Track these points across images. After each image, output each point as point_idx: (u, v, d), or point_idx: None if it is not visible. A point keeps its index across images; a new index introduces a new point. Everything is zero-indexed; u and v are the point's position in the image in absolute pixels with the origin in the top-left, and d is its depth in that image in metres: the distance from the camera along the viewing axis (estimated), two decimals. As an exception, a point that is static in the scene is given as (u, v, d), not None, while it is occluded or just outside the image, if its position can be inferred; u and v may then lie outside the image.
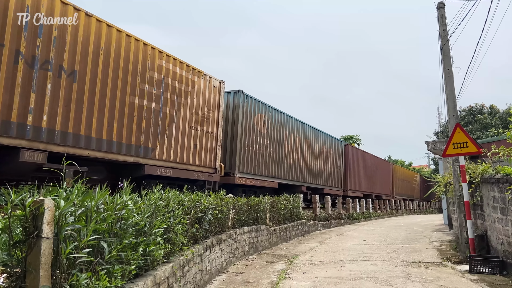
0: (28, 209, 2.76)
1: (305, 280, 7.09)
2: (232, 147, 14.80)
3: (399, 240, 13.92)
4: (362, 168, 30.55)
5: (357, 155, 30.04)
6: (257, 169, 15.99)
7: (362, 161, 30.75)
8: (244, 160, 15.03)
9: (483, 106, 36.47)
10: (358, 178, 29.41)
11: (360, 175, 30.07)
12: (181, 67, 11.60)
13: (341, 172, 26.32)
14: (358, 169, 29.52)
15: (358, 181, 29.37)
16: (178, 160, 11.33)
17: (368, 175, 31.92)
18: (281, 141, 18.20)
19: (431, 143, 19.28)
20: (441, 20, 10.11)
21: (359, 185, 29.67)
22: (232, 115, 15.05)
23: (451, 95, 9.75)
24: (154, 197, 4.94)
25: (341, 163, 26.44)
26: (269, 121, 17.05)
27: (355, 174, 28.87)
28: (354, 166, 28.73)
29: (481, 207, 8.92)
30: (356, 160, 29.25)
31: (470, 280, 7.09)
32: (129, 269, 3.75)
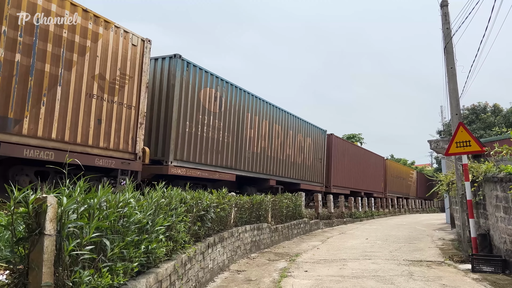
0: (31, 206, 2.76)
1: (307, 279, 7.09)
2: (165, 128, 11.30)
3: (401, 239, 13.90)
4: (349, 162, 27.25)
5: (343, 147, 26.54)
6: (205, 158, 12.58)
7: (349, 154, 27.45)
8: (183, 145, 11.60)
9: (486, 105, 36.35)
10: (343, 173, 26.18)
11: (347, 169, 26.83)
12: (74, 11, 8.38)
13: (322, 165, 22.73)
14: (344, 163, 26.27)
15: (343, 176, 26.17)
16: (68, 139, 8.18)
17: (357, 170, 28.66)
18: (242, 125, 14.75)
19: (434, 142, 19.21)
20: (445, 18, 10.07)
21: (345, 181, 26.52)
22: (166, 86, 11.49)
23: (454, 94, 9.71)
24: (157, 195, 4.95)
25: (322, 155, 22.77)
26: (224, 98, 13.64)
27: (340, 169, 25.61)
28: (339, 159, 25.50)
29: (484, 206, 8.90)
30: (341, 153, 26.00)
31: (473, 279, 7.07)
32: (131, 266, 3.76)
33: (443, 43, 10.06)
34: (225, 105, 13.78)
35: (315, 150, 21.89)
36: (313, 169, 21.56)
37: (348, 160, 27.12)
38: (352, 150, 28.49)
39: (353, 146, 29.37)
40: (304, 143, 20.55)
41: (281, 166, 17.94)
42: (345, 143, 27.44)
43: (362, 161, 30.16)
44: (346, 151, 27.03)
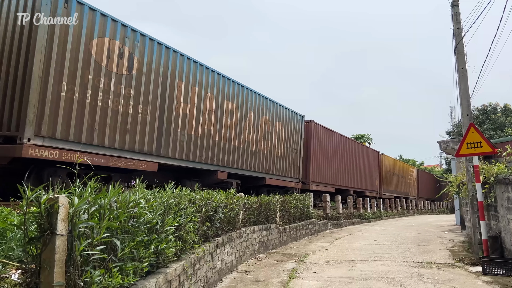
0: (43, 206, 2.79)
1: (316, 280, 7.07)
2: (22, 90, 7.66)
3: (411, 240, 13.80)
4: (334, 155, 23.31)
5: (327, 138, 22.44)
6: (101, 137, 8.92)
7: (334, 146, 23.50)
8: (56, 117, 7.99)
9: (497, 105, 35.97)
10: (327, 168, 22.25)
11: (331, 164, 22.90)
12: None
13: (298, 157, 18.89)
14: (327, 156, 22.40)
15: (327, 172, 22.24)
16: None
17: (344, 165, 24.83)
18: (170, 97, 11.00)
19: (444, 143, 19.06)
20: (455, 18, 9.98)
21: (329, 177, 22.60)
22: (29, 29, 7.84)
23: (465, 94, 9.62)
24: (166, 195, 4.97)
25: (298, 145, 18.90)
26: (137, 57, 9.88)
27: (323, 162, 21.74)
28: (322, 151, 21.68)
29: (495, 208, 8.80)
30: (325, 144, 22.10)
31: (483, 281, 6.99)
32: (141, 266, 3.78)
33: (454, 43, 9.97)
34: (139, 66, 9.92)
35: (288, 138, 17.87)
36: (285, 161, 17.51)
37: (333, 153, 23.14)
38: (339, 142, 24.42)
39: (340, 137, 24.62)
40: (272, 129, 16.43)
41: (237, 155, 14.13)
42: (329, 132, 22.93)
43: (352, 155, 26.30)
44: (331, 142, 23.03)
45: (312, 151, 20.46)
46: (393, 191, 35.39)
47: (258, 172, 15.61)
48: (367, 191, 28.98)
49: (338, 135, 24.60)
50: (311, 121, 20.70)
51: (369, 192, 29.45)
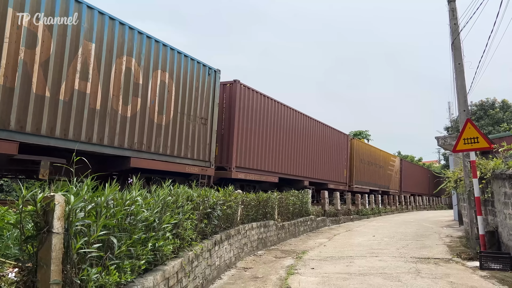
0: (39, 205, 2.79)
1: (314, 276, 7.09)
2: None
3: (409, 236, 13.85)
4: (277, 134, 17.19)
5: (264, 109, 16.23)
6: None
7: (278, 121, 17.33)
8: None
9: (495, 100, 36.00)
10: (264, 150, 16.13)
11: (272, 145, 16.77)
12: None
13: (209, 130, 12.87)
14: (265, 134, 16.25)
15: (264, 155, 16.09)
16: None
17: (295, 148, 18.81)
18: None
19: (441, 139, 19.09)
20: (452, 14, 9.98)
21: (268, 162, 16.36)
22: None
23: (461, 90, 9.63)
24: (163, 193, 4.97)
25: (209, 113, 12.89)
26: None
27: (257, 142, 15.63)
28: (256, 127, 15.58)
29: (492, 203, 8.83)
30: (261, 118, 15.92)
31: (481, 276, 7.03)
32: (139, 264, 3.78)
33: (450, 39, 9.98)
34: None
35: (189, 100, 11.92)
36: (180, 134, 11.57)
37: (276, 131, 17.06)
38: (287, 117, 18.17)
39: (288, 110, 18.34)
40: (146, 80, 10.36)
41: (62, 116, 8.26)
42: (269, 102, 16.65)
43: (308, 136, 20.32)
44: (272, 116, 16.83)
45: (237, 125, 14.30)
46: (368, 183, 29.78)
47: (120, 148, 9.52)
48: (330, 183, 23.07)
49: (286, 107, 18.09)
50: (236, 82, 14.46)
51: (333, 184, 23.39)
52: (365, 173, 29.48)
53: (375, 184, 31.45)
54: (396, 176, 37.74)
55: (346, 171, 25.88)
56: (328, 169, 22.99)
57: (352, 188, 26.57)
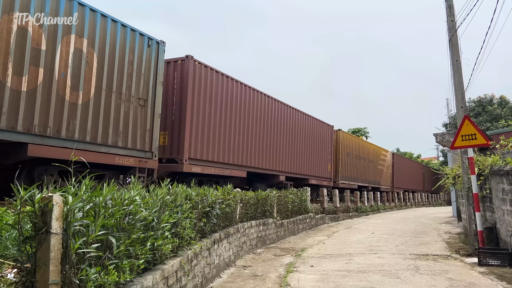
0: (37, 205, 2.79)
1: (313, 273, 7.11)
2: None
3: (408, 233, 13.88)
4: (245, 121, 14.79)
5: (226, 92, 13.75)
6: None
7: (246, 107, 14.91)
8: None
9: (493, 97, 36.10)
10: (228, 139, 13.69)
11: (239, 134, 14.37)
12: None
13: (150, 114, 10.47)
14: (229, 121, 13.83)
15: (226, 145, 13.60)
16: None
17: (268, 139, 16.30)
18: None
19: (440, 135, 19.14)
20: (449, 11, 9.99)
21: (232, 154, 13.91)
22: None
23: (459, 87, 9.65)
24: (162, 192, 4.98)
25: (150, 94, 10.49)
26: None
27: (217, 130, 13.19)
28: (215, 112, 13.15)
29: (490, 199, 8.86)
30: (221, 101, 13.47)
31: (479, 272, 7.06)
32: (138, 263, 3.79)
33: (448, 36, 9.98)
34: None
35: (118, 75, 9.44)
36: (111, 116, 9.27)
37: (244, 118, 14.72)
38: (258, 104, 15.71)
39: (259, 95, 15.87)
40: (53, 46, 8.00)
41: None
42: (234, 85, 14.25)
43: (284, 125, 17.96)
44: (238, 100, 14.40)
45: (191, 109, 11.92)
46: (356, 179, 27.63)
47: (4, 132, 7.09)
48: (312, 178, 20.82)
49: (256, 92, 15.59)
50: (189, 59, 11.96)
51: (315, 180, 21.12)
52: (353, 168, 27.13)
53: (364, 179, 29.29)
54: (388, 171, 35.64)
55: (330, 165, 23.38)
56: (309, 163, 20.46)
57: (337, 184, 24.21)
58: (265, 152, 16.11)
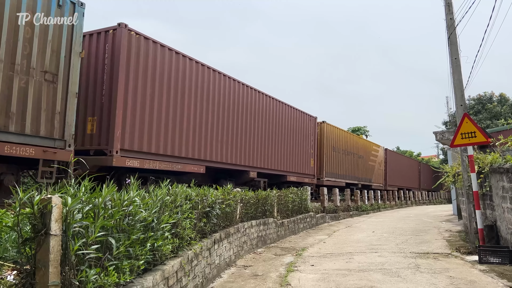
0: (36, 207, 2.79)
1: (314, 273, 7.11)
2: None
3: (408, 231, 13.88)
4: (204, 106, 12.59)
5: (176, 69, 11.46)
6: None
7: (207, 89, 12.80)
8: None
9: (492, 94, 36.08)
10: (178, 128, 11.45)
11: (194, 121, 12.09)
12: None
13: (61, 92, 8.21)
14: (182, 106, 11.62)
15: (176, 134, 11.37)
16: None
17: (236, 129, 14.31)
18: None
19: (439, 133, 19.14)
20: (448, 9, 9.98)
21: (186, 145, 11.68)
22: None
23: (458, 85, 9.64)
24: (161, 193, 4.98)
25: (62, 68, 8.21)
26: None
27: (164, 115, 10.95)
28: (162, 93, 10.92)
29: (490, 197, 8.85)
30: (168, 81, 11.17)
31: (480, 270, 7.06)
32: (138, 264, 3.79)
33: (446, 34, 9.98)
34: None
35: (12, 41, 7.28)
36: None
37: (202, 104, 12.46)
38: (220, 87, 13.48)
39: (220, 77, 13.58)
40: None
41: None
42: (188, 64, 11.94)
43: (256, 114, 15.67)
44: (194, 82, 12.12)
45: (124, 90, 9.74)
46: (344, 175, 25.39)
47: None
48: (291, 175, 18.63)
49: (216, 73, 13.29)
50: (121, 27, 9.80)
51: (295, 176, 18.95)
52: (340, 163, 24.81)
53: (354, 176, 27.18)
54: (380, 168, 33.60)
55: (313, 161, 21.04)
56: (288, 158, 18.21)
57: (322, 181, 22.05)
58: (230, 144, 13.89)
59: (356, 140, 28.60)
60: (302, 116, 19.97)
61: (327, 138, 23.07)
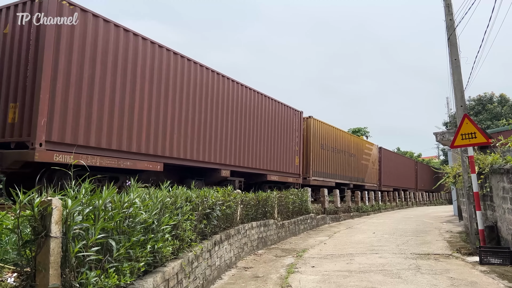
0: (36, 209, 2.79)
1: (314, 274, 7.11)
2: None
3: (409, 232, 13.87)
4: (162, 94, 10.92)
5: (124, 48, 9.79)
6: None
7: (167, 76, 11.13)
8: None
9: (492, 95, 36.11)
10: (128, 117, 9.77)
11: (150, 110, 10.46)
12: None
13: None
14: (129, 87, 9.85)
15: (125, 125, 9.67)
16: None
17: (205, 122, 12.69)
18: None
19: (440, 134, 19.13)
20: (447, 10, 9.99)
21: (137, 137, 10.00)
22: None
23: (458, 86, 9.65)
24: (162, 194, 4.97)
25: None
26: None
27: (107, 102, 9.29)
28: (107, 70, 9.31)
29: (491, 197, 8.85)
30: (113, 62, 9.48)
31: (481, 271, 7.05)
32: (138, 266, 3.79)
33: (446, 35, 9.98)
34: None
35: None
36: None
37: (164, 89, 10.99)
38: (186, 74, 11.94)
39: (188, 63, 12.14)
40: None
41: None
42: (141, 42, 10.38)
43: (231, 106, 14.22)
44: (149, 62, 10.56)
45: (51, 68, 8.17)
46: (333, 175, 24.02)
47: None
48: (272, 174, 17.02)
49: (179, 56, 11.67)
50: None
51: (276, 176, 17.39)
52: (329, 162, 23.19)
53: (344, 176, 25.76)
54: (374, 167, 32.28)
55: (298, 159, 19.34)
56: (268, 155, 16.46)
57: (308, 181, 20.68)
58: (197, 138, 12.16)
59: (347, 138, 27.11)
60: (286, 109, 18.16)
61: (315, 135, 21.47)
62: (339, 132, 25.61)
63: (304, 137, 20.47)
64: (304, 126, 20.54)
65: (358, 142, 29.41)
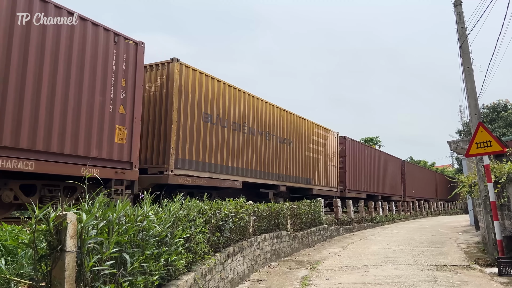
0: (51, 224, 2.82)
1: (329, 286, 7.01)
2: None
3: (424, 243, 13.63)
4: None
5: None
6: None
7: None
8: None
9: (507, 102, 35.55)
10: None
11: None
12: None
13: None
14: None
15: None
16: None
17: None
18: None
19: (454, 143, 18.86)
20: (459, 18, 9.93)
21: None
22: None
23: (472, 94, 9.54)
24: (175, 207, 4.98)
25: None
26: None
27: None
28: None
29: (509, 207, 8.66)
30: None
31: (500, 283, 6.88)
32: (152, 279, 3.78)
33: (458, 43, 9.91)
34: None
35: None
36: None
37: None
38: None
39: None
40: None
41: None
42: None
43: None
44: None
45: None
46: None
47: None
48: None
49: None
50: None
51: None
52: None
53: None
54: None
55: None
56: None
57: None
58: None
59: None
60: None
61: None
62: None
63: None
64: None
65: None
